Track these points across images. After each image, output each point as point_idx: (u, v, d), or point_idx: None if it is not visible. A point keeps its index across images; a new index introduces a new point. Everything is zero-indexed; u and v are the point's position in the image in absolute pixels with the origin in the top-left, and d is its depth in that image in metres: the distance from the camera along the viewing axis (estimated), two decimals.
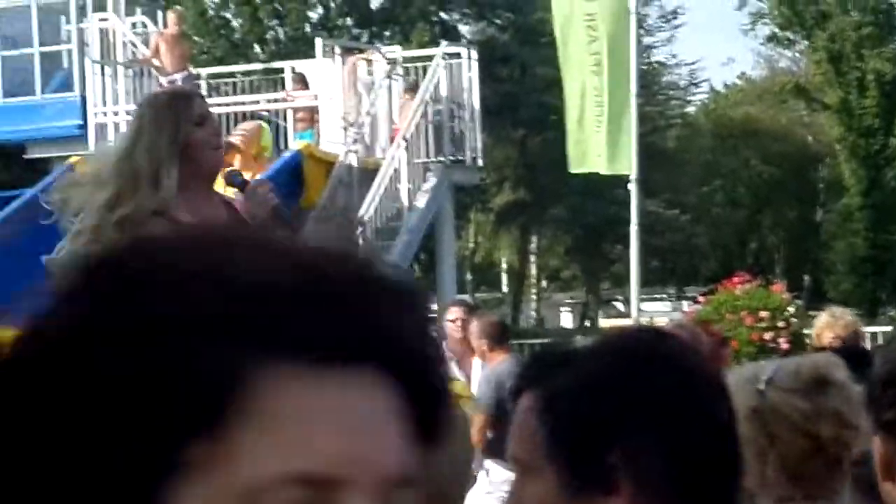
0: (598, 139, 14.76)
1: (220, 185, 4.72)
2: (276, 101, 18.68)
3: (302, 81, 18.38)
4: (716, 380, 1.71)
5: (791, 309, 13.28)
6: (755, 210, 44.41)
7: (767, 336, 12.69)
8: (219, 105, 16.70)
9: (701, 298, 14.40)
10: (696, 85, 46.09)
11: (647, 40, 38.56)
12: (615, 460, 1.61)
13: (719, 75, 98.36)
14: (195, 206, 4.38)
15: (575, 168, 15.50)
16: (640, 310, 15.52)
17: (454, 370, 8.66)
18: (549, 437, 1.66)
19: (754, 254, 44.85)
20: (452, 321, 8.75)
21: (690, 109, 46.43)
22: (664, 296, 44.26)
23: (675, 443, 1.63)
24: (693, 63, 51.43)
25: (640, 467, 1.61)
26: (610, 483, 1.61)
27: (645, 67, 33.76)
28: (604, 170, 15.20)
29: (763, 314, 12.84)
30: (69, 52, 18.86)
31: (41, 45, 19.01)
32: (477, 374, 8.61)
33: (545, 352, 1.81)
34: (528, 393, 1.71)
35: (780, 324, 12.86)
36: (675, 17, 42.65)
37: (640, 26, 15.46)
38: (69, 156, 17.12)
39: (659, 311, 35.89)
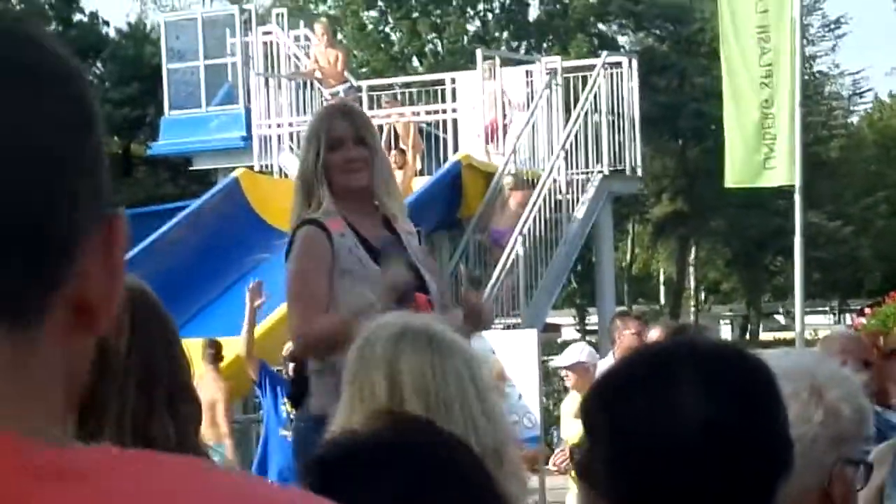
0: (772, 152, 14.50)
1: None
2: (435, 112, 18.77)
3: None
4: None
5: None
6: None
7: None
8: (379, 117, 16.86)
9: (867, 310, 14.11)
10: (859, 95, 45.24)
11: (809, 50, 37.94)
12: None
13: (884, 85, 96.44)
14: (354, 219, 4.63)
15: (737, 183, 15.14)
16: (803, 323, 15.25)
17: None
18: None
19: None
20: (635, 333, 9.03)
21: (854, 119, 45.58)
22: (826, 309, 43.44)
23: None
24: (857, 73, 50.47)
25: None
26: None
27: (807, 77, 33.23)
28: (776, 182, 14.94)
29: None
30: (234, 65, 19.13)
31: (206, 58, 19.33)
32: None
33: None
34: None
35: None
36: (838, 27, 41.96)
37: (802, 36, 15.15)
38: (234, 167, 17.44)
39: (821, 324, 35.29)
